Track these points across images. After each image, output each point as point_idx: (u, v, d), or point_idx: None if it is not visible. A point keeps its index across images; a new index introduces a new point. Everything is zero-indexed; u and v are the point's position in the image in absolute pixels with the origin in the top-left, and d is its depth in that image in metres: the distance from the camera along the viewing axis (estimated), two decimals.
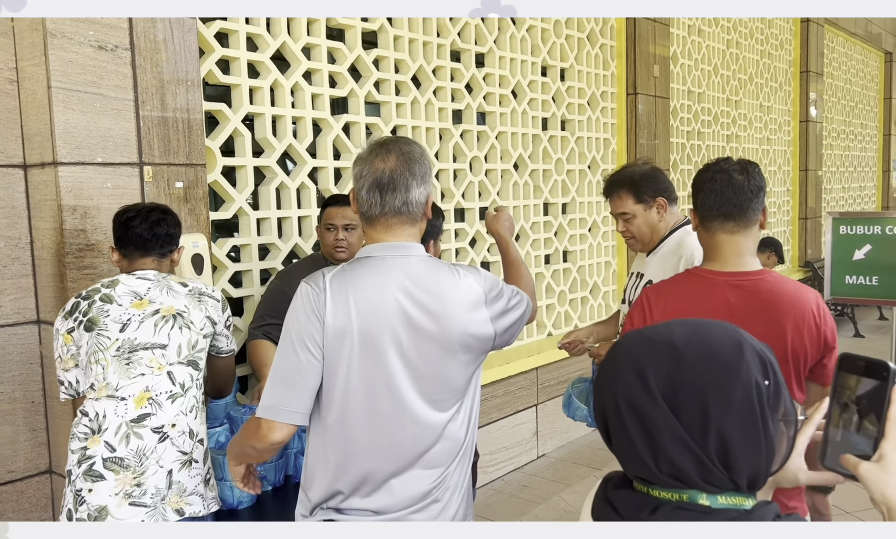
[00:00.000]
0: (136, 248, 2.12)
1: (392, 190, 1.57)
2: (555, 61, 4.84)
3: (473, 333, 1.62)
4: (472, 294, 1.62)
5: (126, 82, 2.57)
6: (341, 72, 3.50)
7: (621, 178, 2.50)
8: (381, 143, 1.61)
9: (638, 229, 2.46)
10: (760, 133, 7.68)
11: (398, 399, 1.56)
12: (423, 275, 1.58)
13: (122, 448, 1.90)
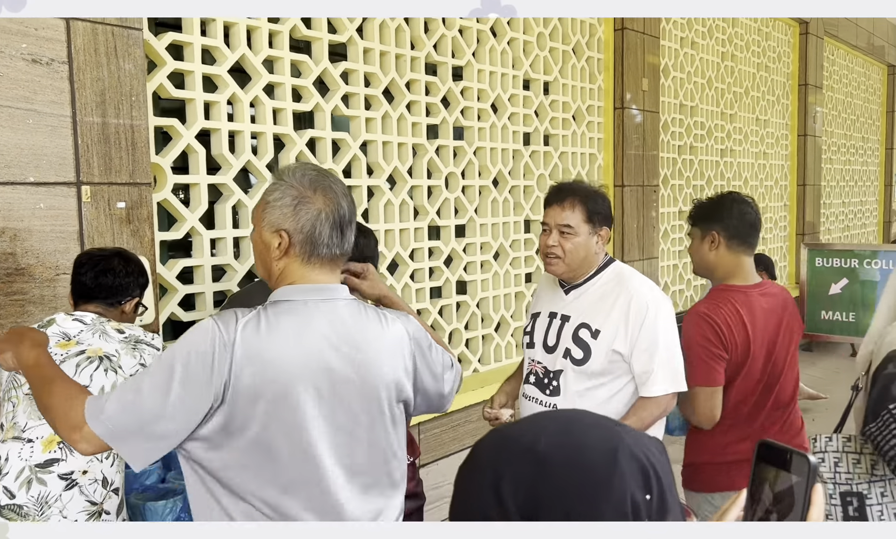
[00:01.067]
0: (79, 296, 2.07)
1: (350, 227, 1.47)
2: (538, 74, 4.71)
3: (401, 386, 1.51)
4: (401, 342, 1.52)
5: (63, 97, 2.44)
6: (306, 85, 3.37)
7: (577, 188, 2.19)
8: (321, 174, 1.47)
9: (574, 249, 2.14)
10: (756, 147, 7.53)
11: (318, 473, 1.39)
12: (347, 321, 1.45)
13: (23, 494, 1.77)
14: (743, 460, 2.21)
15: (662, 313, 2.11)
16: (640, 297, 2.10)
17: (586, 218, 2.15)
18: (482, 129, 4.32)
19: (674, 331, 2.13)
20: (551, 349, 2.24)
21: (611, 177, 5.34)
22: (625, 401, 2.16)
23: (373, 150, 3.71)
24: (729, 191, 2.47)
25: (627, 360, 2.11)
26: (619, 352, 2.10)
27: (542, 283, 2.44)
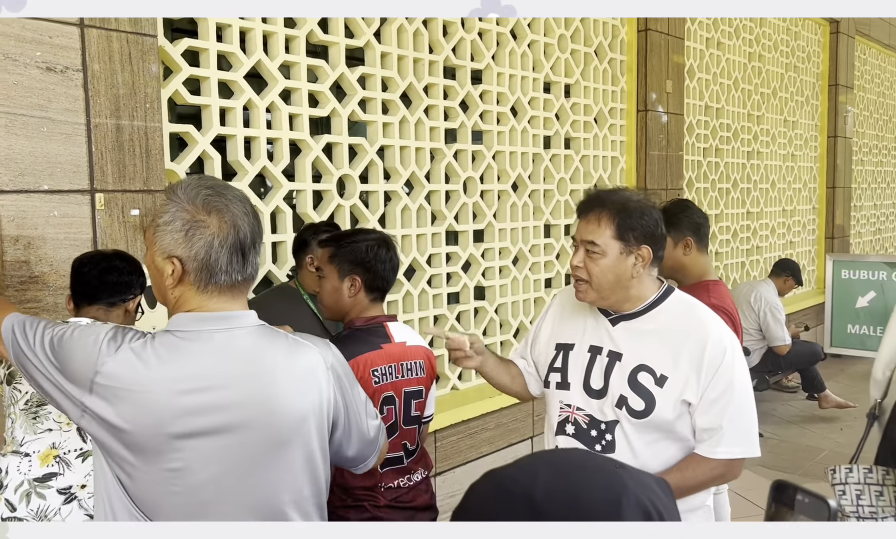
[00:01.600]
0: (82, 296, 2.03)
1: (253, 250, 1.34)
2: (559, 77, 4.64)
3: (314, 420, 1.36)
4: (314, 372, 1.38)
5: (77, 105, 2.44)
6: (322, 90, 3.35)
7: (607, 197, 1.81)
8: (217, 192, 1.32)
9: (601, 274, 1.76)
10: (784, 149, 7.38)
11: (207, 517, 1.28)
12: (246, 352, 1.32)
13: (23, 508, 1.77)
14: None
15: (738, 360, 1.77)
16: (717, 340, 1.74)
17: (616, 234, 1.75)
18: (501, 132, 4.28)
19: (749, 382, 1.80)
20: (598, 394, 1.82)
21: (633, 180, 5.26)
22: None
23: (390, 154, 3.69)
24: (680, 198, 2.87)
25: (692, 411, 1.75)
26: (690, 402, 1.74)
27: (566, 302, 2.00)
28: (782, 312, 5.55)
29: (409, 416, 2.10)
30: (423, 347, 2.17)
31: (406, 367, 2.08)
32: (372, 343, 2.03)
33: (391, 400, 2.04)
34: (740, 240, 6.73)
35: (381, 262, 2.05)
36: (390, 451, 2.04)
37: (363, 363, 1.98)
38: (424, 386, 2.14)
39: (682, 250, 2.57)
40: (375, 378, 2.00)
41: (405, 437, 2.10)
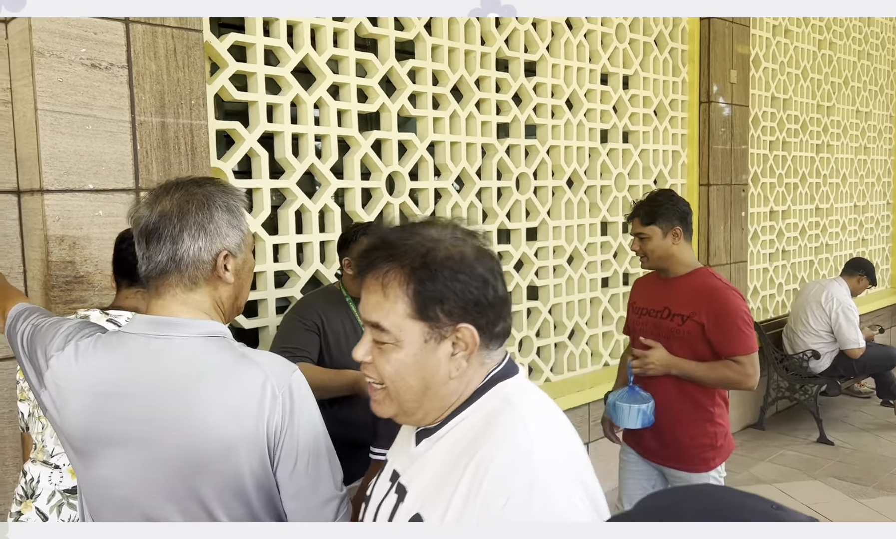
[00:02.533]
0: (122, 276, 1.89)
1: (157, 239, 1.22)
2: (617, 68, 4.46)
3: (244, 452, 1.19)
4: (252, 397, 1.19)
5: (122, 103, 2.40)
6: (371, 85, 3.26)
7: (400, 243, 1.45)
8: (168, 185, 1.27)
9: (395, 375, 1.05)
10: (856, 141, 7.00)
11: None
12: (178, 362, 1.20)
13: (54, 517, 1.72)
14: None
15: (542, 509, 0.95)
16: (510, 472, 0.97)
17: (414, 310, 1.08)
18: (556, 126, 4.12)
19: None
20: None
21: (695, 175, 5.03)
22: None
23: (440, 150, 3.58)
24: (663, 188, 2.90)
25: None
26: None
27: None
28: (855, 313, 5.24)
29: None
30: None
31: None
32: None
33: None
34: (808, 237, 6.41)
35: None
36: None
37: None
38: None
39: (672, 239, 2.59)
40: None
41: None
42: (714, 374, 2.55)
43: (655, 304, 2.70)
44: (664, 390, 2.62)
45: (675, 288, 2.64)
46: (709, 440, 2.63)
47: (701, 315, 2.55)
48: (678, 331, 2.60)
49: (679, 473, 2.66)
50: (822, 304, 5.23)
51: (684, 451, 2.63)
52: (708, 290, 2.56)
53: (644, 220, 2.62)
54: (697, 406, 2.62)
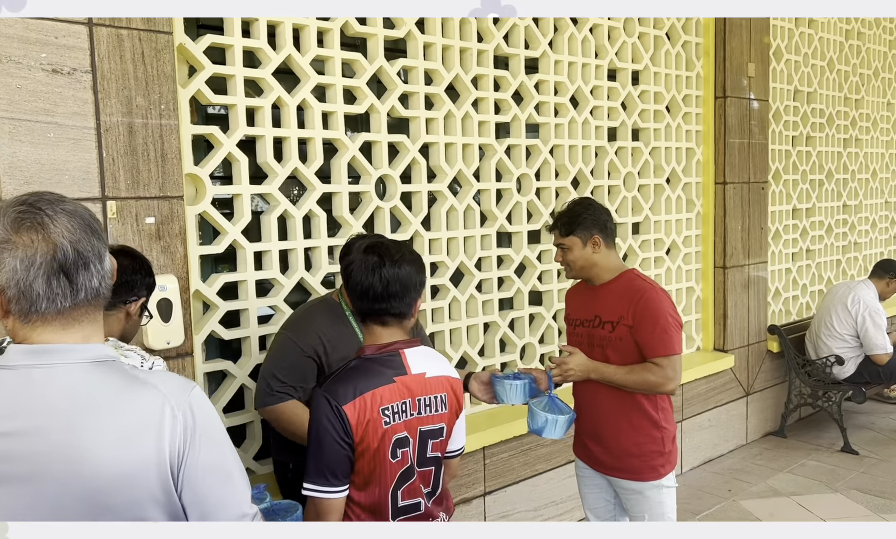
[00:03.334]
0: None
1: (83, 269, 1.14)
2: (625, 63, 4.29)
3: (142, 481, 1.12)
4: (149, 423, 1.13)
5: (86, 109, 2.32)
6: (359, 86, 3.14)
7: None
8: (32, 208, 1.14)
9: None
10: (887, 135, 6.71)
11: None
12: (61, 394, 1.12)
13: None
14: None
15: None
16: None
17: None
18: (560, 125, 3.97)
19: None
20: None
21: (711, 173, 4.83)
22: None
23: (435, 152, 3.45)
24: (581, 197, 2.85)
25: None
26: None
27: None
28: (883, 317, 4.99)
29: (425, 458, 1.83)
30: (447, 377, 1.88)
31: (424, 402, 1.80)
32: (383, 375, 1.75)
33: (405, 441, 1.77)
34: (835, 236, 6.15)
35: (365, 285, 1.75)
36: (406, 497, 1.79)
37: (371, 400, 1.71)
38: (446, 423, 1.86)
39: (592, 248, 2.54)
40: (386, 418, 1.73)
41: (422, 479, 1.84)
42: (633, 376, 2.45)
43: (587, 314, 2.62)
44: (604, 398, 2.55)
45: (603, 294, 2.57)
46: (656, 446, 2.53)
47: (628, 317, 2.47)
48: (609, 338, 2.52)
49: (629, 484, 2.56)
50: (847, 306, 5.00)
51: (632, 459, 2.54)
52: (632, 291, 2.49)
53: (562, 231, 2.55)
54: (640, 411, 2.52)
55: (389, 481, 1.76)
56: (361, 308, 1.79)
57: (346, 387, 1.71)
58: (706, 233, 4.90)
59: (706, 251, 4.91)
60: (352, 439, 1.70)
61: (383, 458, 1.73)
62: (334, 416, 1.68)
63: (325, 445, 1.69)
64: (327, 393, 1.71)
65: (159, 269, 2.47)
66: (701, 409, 4.76)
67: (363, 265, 1.76)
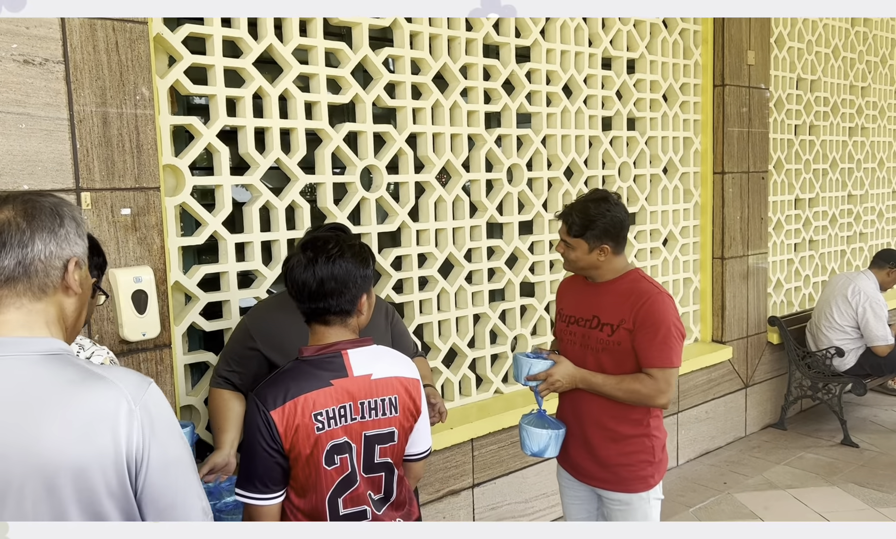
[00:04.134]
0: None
1: (1, 246, 1.16)
2: (620, 52, 4.23)
3: (98, 475, 1.12)
4: (106, 416, 1.13)
5: (59, 100, 2.30)
6: (343, 75, 3.12)
7: None
8: (1, 196, 1.22)
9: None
10: (894, 124, 6.59)
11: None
12: (16, 384, 1.13)
13: None
14: None
15: None
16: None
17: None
18: (552, 114, 3.92)
19: None
20: None
21: (709, 163, 4.77)
22: None
23: (422, 142, 3.42)
24: (598, 191, 2.45)
25: None
26: None
27: None
28: (884, 308, 4.92)
29: (373, 464, 1.75)
30: (399, 378, 1.77)
31: (368, 406, 1.71)
32: (319, 378, 1.67)
33: (345, 447, 1.69)
34: (840, 226, 6.06)
35: (300, 283, 1.69)
36: (348, 505, 1.72)
37: (303, 405, 1.63)
38: (397, 426, 1.76)
39: (598, 255, 2.37)
40: (319, 424, 1.65)
41: (369, 487, 1.75)
42: (623, 386, 2.30)
43: (584, 312, 2.45)
44: (591, 405, 2.40)
45: (604, 293, 2.40)
46: (647, 456, 2.39)
47: (629, 321, 2.31)
48: (607, 342, 2.35)
49: (617, 495, 2.41)
50: (848, 297, 4.93)
51: (622, 470, 2.39)
52: (636, 293, 2.32)
53: (572, 230, 2.36)
54: (632, 420, 2.37)
55: (326, 489, 1.68)
56: (301, 308, 1.73)
57: (277, 391, 1.65)
58: (704, 223, 4.84)
59: (704, 242, 4.86)
60: (281, 446, 1.63)
61: (317, 464, 1.66)
62: (263, 423, 1.62)
63: (256, 453, 1.63)
64: (258, 397, 1.65)
65: (135, 261, 2.46)
66: (698, 401, 4.71)
67: (298, 262, 1.70)
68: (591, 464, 2.45)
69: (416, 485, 2.00)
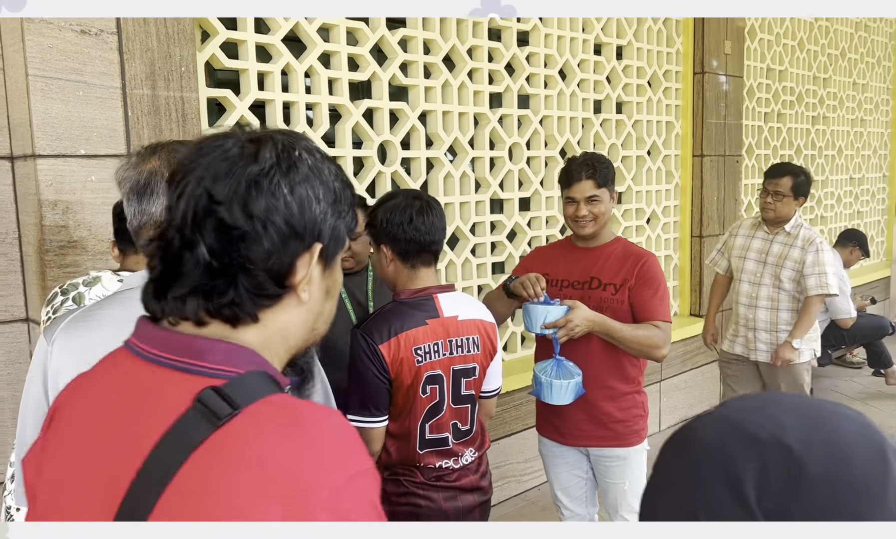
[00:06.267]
0: (129, 242, 1.83)
1: (149, 194, 1.31)
2: (610, 38, 4.46)
3: None
4: None
5: (112, 69, 2.42)
6: (363, 54, 3.27)
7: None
8: (151, 146, 1.37)
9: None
10: (853, 114, 7.00)
11: None
12: None
13: None
14: None
15: None
16: None
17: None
18: (549, 96, 4.14)
19: None
20: None
21: (689, 146, 5.05)
22: None
23: (432, 120, 3.60)
24: (594, 152, 2.59)
25: None
26: None
27: None
28: (848, 284, 5.28)
29: (460, 396, 1.98)
30: (480, 321, 2.00)
31: (456, 343, 1.94)
32: (416, 318, 1.89)
33: (438, 378, 1.92)
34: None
35: (409, 229, 1.89)
36: (433, 432, 1.94)
37: (405, 340, 1.86)
38: (479, 363, 1.99)
39: (613, 204, 2.57)
40: (418, 357, 1.88)
41: (455, 416, 1.98)
42: (639, 332, 2.38)
43: (579, 275, 2.53)
44: (593, 365, 2.46)
45: (603, 256, 2.52)
46: (639, 410, 2.56)
47: (631, 280, 2.45)
48: (611, 300, 2.46)
49: (614, 452, 2.54)
50: None
51: (619, 426, 2.53)
52: (635, 255, 2.49)
53: (600, 180, 2.44)
54: (629, 378, 2.53)
55: (419, 414, 1.92)
56: (409, 249, 1.91)
57: (382, 327, 1.87)
58: (684, 203, 5.12)
59: (683, 221, 5.14)
60: (389, 374, 1.86)
61: (415, 393, 1.90)
62: (372, 354, 1.84)
63: (367, 380, 1.85)
64: (364, 333, 1.86)
65: None
66: (677, 371, 5.00)
67: (411, 207, 1.91)
68: (589, 424, 2.53)
69: (488, 421, 2.20)
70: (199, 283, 0.76)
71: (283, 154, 0.78)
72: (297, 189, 0.77)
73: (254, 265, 0.76)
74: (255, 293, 0.77)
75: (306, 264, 0.79)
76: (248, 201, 0.75)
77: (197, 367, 0.76)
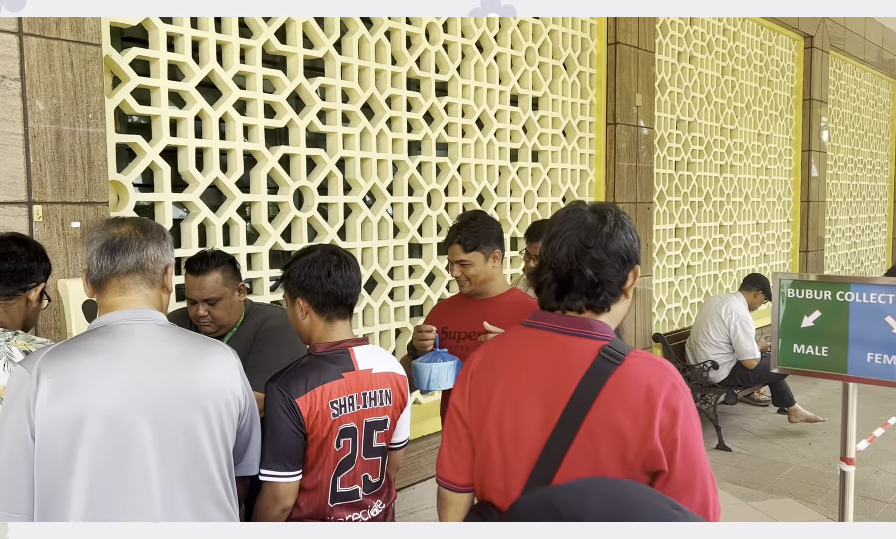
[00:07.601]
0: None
1: (124, 251, 1.53)
2: (527, 90, 4.63)
3: (227, 397, 1.58)
4: (225, 361, 1.60)
5: (14, 115, 2.38)
6: (279, 101, 3.30)
7: None
8: (119, 219, 1.60)
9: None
10: (758, 163, 7.41)
11: (154, 495, 1.46)
12: (161, 342, 1.53)
13: None
14: None
15: None
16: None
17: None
18: (467, 145, 4.25)
19: None
20: None
21: (602, 193, 5.25)
22: None
23: (350, 166, 3.65)
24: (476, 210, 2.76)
25: None
26: None
27: None
28: (752, 326, 5.54)
29: (371, 448, 2.00)
30: (392, 374, 2.04)
31: (369, 396, 1.97)
32: (333, 371, 1.92)
33: (351, 431, 1.95)
34: (713, 253, 6.74)
35: (327, 282, 1.92)
36: (344, 485, 1.96)
37: (321, 394, 1.88)
38: (390, 415, 2.02)
39: (493, 263, 2.52)
40: (334, 410, 1.90)
41: (366, 468, 2.00)
42: None
43: (474, 327, 2.52)
44: None
45: (495, 307, 2.53)
46: None
47: None
48: None
49: None
50: (721, 316, 5.52)
51: None
52: (525, 305, 2.42)
53: (466, 246, 2.47)
54: None
55: (331, 467, 1.93)
56: (325, 302, 1.94)
57: (299, 381, 1.88)
58: None
59: None
60: (304, 428, 1.87)
61: (329, 446, 1.90)
62: (288, 407, 1.85)
63: (282, 434, 1.85)
64: (280, 386, 1.87)
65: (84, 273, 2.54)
66: None
67: (329, 262, 1.94)
68: None
69: (395, 473, 2.22)
70: (585, 291, 1.35)
71: (616, 218, 1.37)
72: (626, 236, 1.36)
73: (610, 281, 1.34)
74: (611, 294, 1.35)
75: (633, 276, 1.39)
76: (607, 244, 1.34)
77: (590, 334, 1.35)
